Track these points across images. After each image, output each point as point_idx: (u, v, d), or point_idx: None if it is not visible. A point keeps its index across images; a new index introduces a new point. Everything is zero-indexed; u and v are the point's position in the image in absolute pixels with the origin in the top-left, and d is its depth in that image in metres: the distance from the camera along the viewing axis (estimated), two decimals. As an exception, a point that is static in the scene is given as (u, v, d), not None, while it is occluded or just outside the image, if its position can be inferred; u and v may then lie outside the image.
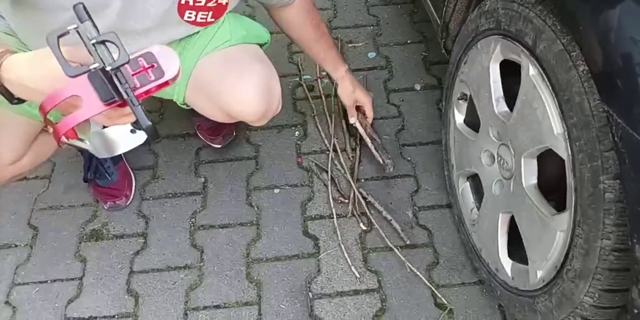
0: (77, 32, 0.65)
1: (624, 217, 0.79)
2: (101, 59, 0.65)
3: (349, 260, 1.39)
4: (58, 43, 0.66)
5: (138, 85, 0.67)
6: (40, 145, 1.26)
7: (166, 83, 0.69)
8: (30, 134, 1.22)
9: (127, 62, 0.66)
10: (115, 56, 0.66)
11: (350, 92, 1.51)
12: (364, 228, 1.45)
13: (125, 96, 0.66)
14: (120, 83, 0.66)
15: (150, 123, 0.68)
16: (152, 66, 0.68)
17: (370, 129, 1.57)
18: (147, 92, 0.69)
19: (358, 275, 1.36)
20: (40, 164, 1.32)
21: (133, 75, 0.67)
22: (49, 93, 0.70)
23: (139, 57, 0.68)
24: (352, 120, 1.55)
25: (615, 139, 0.76)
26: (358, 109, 1.55)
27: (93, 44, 0.65)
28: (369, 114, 1.55)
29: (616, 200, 0.80)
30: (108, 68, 0.65)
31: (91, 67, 0.66)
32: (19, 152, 1.20)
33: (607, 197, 0.81)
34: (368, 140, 1.54)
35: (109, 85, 0.67)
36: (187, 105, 1.31)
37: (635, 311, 0.80)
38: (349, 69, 1.51)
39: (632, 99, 0.72)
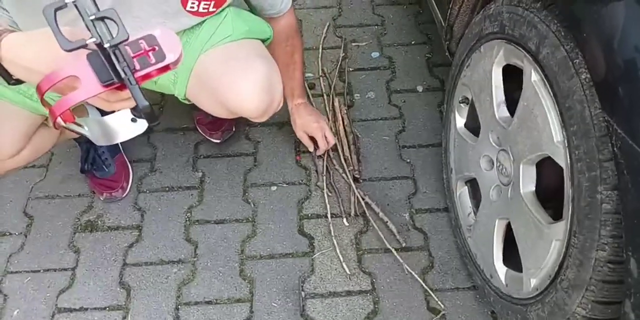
0: (76, 6, 0.63)
1: (620, 228, 0.78)
2: (99, 35, 0.63)
3: (343, 260, 1.38)
4: (55, 16, 0.63)
5: (138, 67, 0.65)
6: (40, 138, 1.26)
7: (167, 67, 0.66)
8: (30, 128, 1.21)
9: (126, 40, 0.63)
10: (115, 35, 0.64)
11: (298, 124, 1.54)
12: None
13: (123, 75, 0.64)
14: (119, 61, 0.64)
15: (147, 103, 0.65)
16: (153, 49, 0.65)
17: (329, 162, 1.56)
18: (147, 75, 0.66)
19: (352, 276, 1.36)
20: (40, 156, 1.32)
21: (133, 57, 0.65)
22: (46, 73, 0.68)
23: (140, 39, 0.65)
24: (312, 151, 1.55)
25: (615, 149, 0.75)
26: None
27: (92, 20, 0.63)
28: (321, 145, 1.53)
29: (613, 212, 0.79)
30: (106, 45, 0.63)
31: (88, 41, 0.63)
32: (19, 146, 1.20)
33: (604, 208, 0.80)
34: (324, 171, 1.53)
35: (108, 66, 0.65)
36: (189, 101, 1.30)
37: (627, 324, 0.79)
38: (305, 103, 1.53)
39: (633, 109, 0.71)
